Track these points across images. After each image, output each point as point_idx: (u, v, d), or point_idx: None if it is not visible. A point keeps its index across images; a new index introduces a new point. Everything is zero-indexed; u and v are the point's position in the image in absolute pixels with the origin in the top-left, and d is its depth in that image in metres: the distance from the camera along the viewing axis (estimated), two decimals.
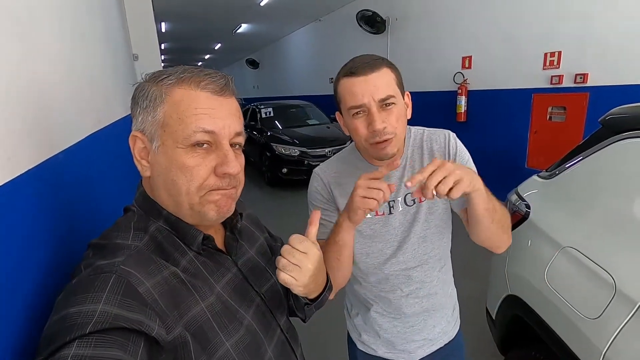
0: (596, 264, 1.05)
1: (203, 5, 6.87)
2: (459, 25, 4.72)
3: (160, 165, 0.52)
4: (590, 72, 3.48)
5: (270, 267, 0.70)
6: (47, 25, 0.84)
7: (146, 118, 0.52)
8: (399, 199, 0.92)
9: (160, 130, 0.51)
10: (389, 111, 0.80)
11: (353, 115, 0.82)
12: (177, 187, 0.52)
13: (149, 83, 0.53)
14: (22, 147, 0.54)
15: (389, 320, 1.01)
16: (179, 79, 0.52)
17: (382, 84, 0.79)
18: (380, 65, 0.80)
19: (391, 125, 0.80)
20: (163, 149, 0.51)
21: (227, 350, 0.52)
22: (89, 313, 0.41)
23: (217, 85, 0.53)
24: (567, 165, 1.41)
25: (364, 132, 0.82)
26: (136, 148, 0.54)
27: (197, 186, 0.52)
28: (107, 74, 1.69)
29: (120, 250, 0.49)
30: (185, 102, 0.51)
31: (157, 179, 0.54)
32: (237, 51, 13.55)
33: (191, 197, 0.53)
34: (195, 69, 0.54)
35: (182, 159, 0.51)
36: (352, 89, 0.80)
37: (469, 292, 2.30)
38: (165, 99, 0.52)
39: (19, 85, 0.59)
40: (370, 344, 1.05)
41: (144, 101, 0.52)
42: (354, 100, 0.80)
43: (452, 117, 4.85)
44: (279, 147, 5.66)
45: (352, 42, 6.97)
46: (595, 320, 0.99)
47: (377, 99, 0.79)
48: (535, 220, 1.42)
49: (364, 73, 0.79)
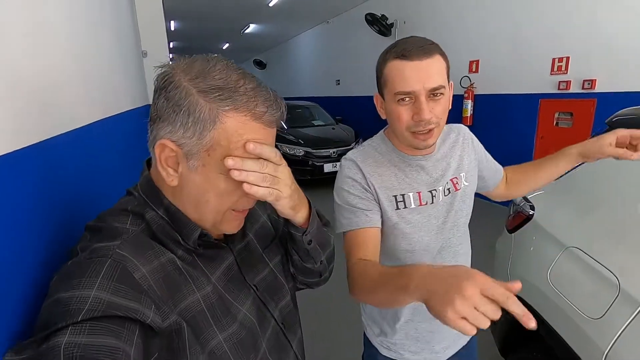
0: (600, 263, 1.04)
1: (212, 5, 6.93)
2: (467, 29, 4.72)
3: (194, 183, 0.51)
4: (598, 78, 3.47)
5: (268, 254, 0.68)
6: (59, 9, 0.86)
7: (188, 135, 0.48)
8: (439, 189, 0.90)
9: (203, 153, 0.48)
10: (437, 101, 0.77)
11: (398, 100, 0.77)
12: (210, 207, 0.52)
13: (199, 96, 0.47)
14: (30, 123, 0.55)
15: (419, 321, 0.96)
16: (235, 104, 0.48)
17: (435, 72, 0.76)
18: (434, 51, 0.76)
19: (436, 116, 0.77)
20: (203, 170, 0.49)
21: (219, 343, 0.52)
22: (82, 299, 0.40)
23: (273, 117, 0.51)
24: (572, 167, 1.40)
25: (408, 119, 0.78)
26: (163, 155, 0.49)
27: (228, 208, 0.53)
28: (116, 67, 1.70)
29: (118, 235, 0.48)
30: (238, 132, 0.48)
31: (186, 192, 0.52)
32: (245, 51, 13.64)
33: (217, 216, 0.54)
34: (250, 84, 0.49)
35: (222, 185, 0.50)
36: (404, 73, 0.75)
37: None
38: (218, 125, 0.47)
39: (34, 68, 0.60)
40: (397, 350, 0.98)
41: (189, 116, 0.47)
42: (403, 86, 0.76)
43: (458, 121, 4.79)
44: (284, 146, 5.67)
45: (359, 45, 6.99)
46: (598, 320, 0.98)
47: (428, 88, 0.75)
48: (540, 221, 1.41)
49: (417, 58, 0.74)
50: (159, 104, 0.49)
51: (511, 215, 1.62)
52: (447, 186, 0.91)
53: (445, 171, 0.91)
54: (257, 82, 0.50)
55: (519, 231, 1.51)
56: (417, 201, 0.88)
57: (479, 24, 4.56)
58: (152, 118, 0.50)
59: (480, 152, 1.00)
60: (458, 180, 0.92)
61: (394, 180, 0.88)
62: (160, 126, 0.49)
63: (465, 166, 0.95)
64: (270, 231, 0.72)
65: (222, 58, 0.51)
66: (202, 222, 0.54)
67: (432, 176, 0.90)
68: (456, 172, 0.93)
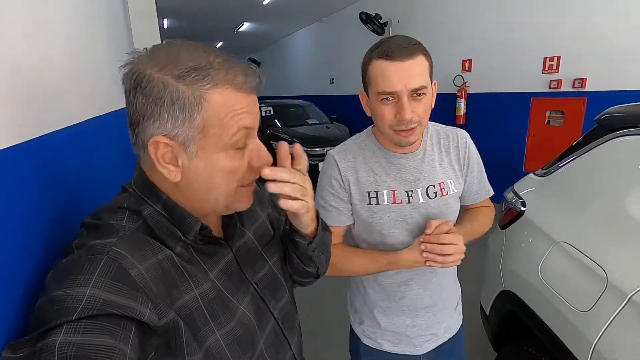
0: (589, 257, 1.06)
1: (206, 3, 6.89)
2: (460, 28, 4.76)
3: (199, 170, 0.50)
4: (588, 77, 3.52)
5: (267, 252, 0.68)
6: (58, 12, 0.86)
7: (178, 123, 0.47)
8: (418, 190, 0.91)
9: (199, 136, 0.48)
10: (419, 101, 0.79)
11: (382, 100, 0.80)
12: (220, 189, 0.52)
13: (175, 82, 0.46)
14: (29, 119, 0.55)
15: (397, 315, 1.00)
16: (214, 79, 0.47)
17: (417, 72, 0.77)
18: (416, 51, 0.78)
19: (418, 115, 0.80)
20: (203, 154, 0.49)
21: (216, 340, 0.52)
22: (77, 297, 0.40)
23: (254, 84, 0.52)
24: (563, 163, 1.43)
25: (390, 118, 0.81)
26: (159, 153, 0.48)
27: (237, 185, 0.53)
28: (111, 65, 1.70)
29: (115, 232, 0.47)
30: (226, 105, 0.48)
31: (193, 182, 0.51)
32: (239, 50, 13.56)
33: (230, 196, 0.53)
34: (220, 57, 0.49)
35: (226, 162, 0.50)
36: (386, 73, 0.77)
37: (463, 290, 2.32)
38: (205, 105, 0.47)
39: (32, 61, 0.60)
40: (376, 338, 1.03)
41: (174, 104, 0.46)
42: (386, 86, 0.78)
43: (452, 120, 4.87)
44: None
45: (353, 44, 7.00)
46: (586, 312, 1.01)
47: (410, 88, 0.77)
48: (531, 217, 1.43)
49: (400, 58, 0.76)
50: (138, 104, 0.47)
51: (503, 212, 1.65)
52: (434, 189, 0.92)
53: (430, 173, 0.92)
54: (225, 54, 0.50)
55: (510, 227, 1.54)
56: (391, 199, 0.90)
57: (472, 23, 4.60)
58: (133, 121, 0.49)
59: (472, 163, 0.99)
60: (445, 186, 0.93)
61: (371, 177, 0.91)
62: (146, 125, 0.48)
63: (456, 172, 0.96)
64: (269, 230, 0.72)
65: (181, 40, 0.51)
66: (216, 205, 0.54)
67: (411, 175, 0.92)
68: (444, 177, 0.94)
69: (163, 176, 0.51)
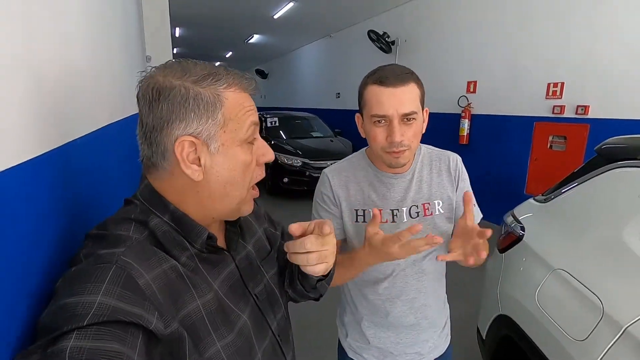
0: (585, 286, 1.07)
1: (218, 14, 7.04)
2: (466, 50, 4.84)
3: (221, 165, 0.54)
4: (591, 105, 3.56)
5: (264, 266, 0.69)
6: (77, 20, 0.89)
7: (203, 121, 0.52)
8: (403, 209, 0.95)
9: (220, 132, 0.53)
10: (409, 125, 0.84)
11: (374, 122, 0.85)
12: (238, 182, 0.55)
13: (194, 86, 0.52)
14: (41, 131, 0.56)
15: (382, 331, 1.02)
16: (228, 83, 0.54)
17: (408, 99, 0.83)
18: (409, 79, 0.84)
19: (408, 139, 0.85)
20: (223, 149, 0.53)
21: (217, 351, 0.52)
22: (88, 304, 0.40)
23: (253, 87, 0.58)
24: (563, 190, 1.45)
25: (382, 140, 0.86)
26: (185, 154, 0.51)
27: (250, 180, 0.57)
28: (124, 73, 1.74)
29: (122, 242, 0.48)
30: (239, 103, 0.55)
31: (212, 181, 0.54)
32: (248, 60, 13.78)
33: (244, 192, 0.57)
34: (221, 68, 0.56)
35: (242, 156, 0.55)
36: (380, 98, 0.83)
37: (460, 313, 2.30)
38: (223, 102, 0.53)
39: (52, 74, 0.62)
40: (361, 353, 1.05)
41: (198, 105, 0.51)
42: (378, 109, 0.83)
43: (455, 140, 4.91)
44: (282, 156, 5.71)
45: (360, 60, 7.11)
46: (582, 342, 1.01)
47: (400, 113, 0.82)
48: (529, 242, 1.44)
49: (393, 85, 0.82)
50: (163, 110, 0.50)
51: (502, 235, 1.66)
52: (417, 209, 0.95)
53: (416, 194, 0.95)
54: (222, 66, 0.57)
55: (509, 251, 1.55)
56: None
57: (477, 46, 4.68)
58: (155, 129, 0.51)
59: (463, 185, 1.00)
60: (430, 206, 0.95)
61: (359, 195, 0.96)
62: (171, 129, 0.51)
63: (445, 195, 0.98)
64: (266, 245, 0.74)
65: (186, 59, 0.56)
66: (229, 206, 0.57)
67: (398, 195, 0.95)
68: (430, 198, 0.96)
69: (171, 186, 0.54)
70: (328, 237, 0.58)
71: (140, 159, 0.56)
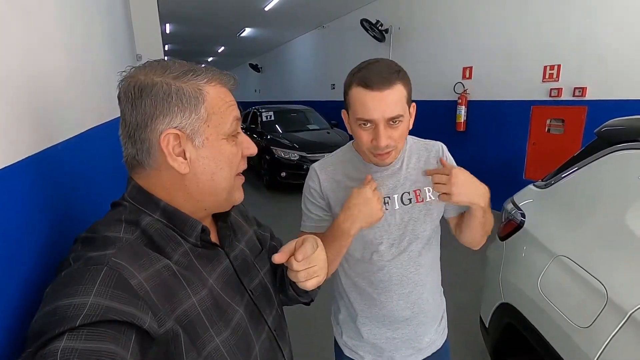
0: (588, 272, 1.06)
1: (208, 8, 6.93)
2: (461, 36, 4.78)
3: (206, 158, 0.54)
4: (588, 86, 3.53)
5: (258, 263, 0.70)
6: (56, 20, 0.86)
7: (187, 115, 0.52)
8: (394, 197, 0.94)
9: (204, 126, 0.53)
10: (395, 128, 0.82)
11: (360, 125, 0.83)
12: (224, 174, 0.56)
13: (175, 82, 0.52)
14: (24, 134, 0.55)
15: (377, 326, 1.01)
16: (209, 79, 0.55)
17: (394, 102, 0.80)
18: (395, 81, 0.80)
19: (394, 141, 0.83)
20: (208, 143, 0.54)
21: (216, 346, 0.52)
22: (80, 305, 0.40)
23: (233, 83, 0.60)
24: (563, 175, 1.42)
25: (367, 142, 0.84)
26: (170, 147, 0.52)
27: (236, 171, 0.59)
28: (111, 72, 1.70)
29: (112, 243, 0.48)
30: (220, 98, 0.56)
31: (199, 174, 0.54)
32: (240, 55, 13.64)
33: (230, 182, 0.58)
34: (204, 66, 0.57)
35: (227, 149, 0.56)
36: (364, 101, 0.80)
37: (461, 301, 2.31)
38: (205, 96, 0.54)
39: (27, 75, 0.59)
40: (357, 350, 1.04)
41: (181, 100, 0.52)
42: (363, 113, 0.81)
43: (452, 127, 4.88)
44: (279, 150, 5.68)
45: (355, 50, 7.04)
46: (586, 329, 1.00)
47: (386, 117, 0.80)
48: (530, 229, 1.43)
49: (378, 88, 0.79)
50: (147, 107, 0.51)
51: (503, 223, 1.64)
52: (409, 196, 0.95)
53: (406, 181, 0.95)
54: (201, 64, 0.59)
55: (510, 239, 1.53)
56: None
57: (472, 31, 4.62)
58: (139, 126, 0.51)
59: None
60: (421, 193, 0.95)
61: (349, 184, 0.95)
62: (156, 124, 0.51)
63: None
64: (257, 244, 0.75)
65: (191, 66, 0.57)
66: (219, 196, 0.58)
67: (390, 183, 0.95)
68: (421, 185, 0.96)
69: (159, 183, 0.54)
70: (314, 255, 0.59)
71: (125, 160, 0.56)
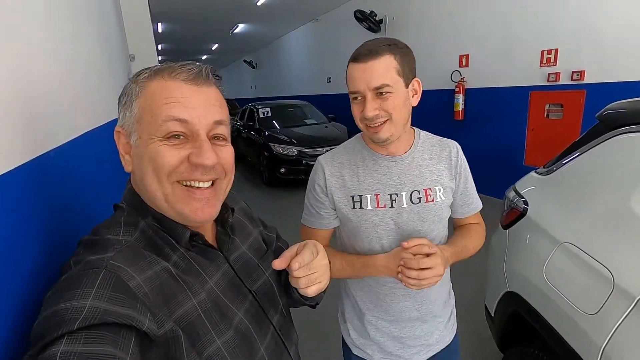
0: (594, 259, 1.05)
1: (199, 6, 6.86)
2: (456, 23, 4.73)
3: (137, 158, 0.53)
4: (587, 69, 3.50)
5: (262, 264, 0.69)
6: (42, 24, 0.84)
7: (125, 114, 0.53)
8: (402, 194, 0.91)
9: (136, 124, 0.52)
10: (383, 99, 0.82)
11: (353, 99, 0.86)
12: (149, 176, 0.51)
13: (130, 81, 0.54)
14: (13, 142, 0.54)
15: (385, 326, 0.99)
16: (154, 72, 0.53)
17: (379, 72, 0.80)
18: (382, 52, 0.81)
19: (385, 111, 0.82)
20: (140, 142, 0.52)
21: (217, 348, 0.52)
22: (78, 309, 0.40)
23: (190, 74, 0.52)
24: (565, 161, 1.41)
25: (359, 114, 0.86)
26: (120, 144, 0.54)
27: (167, 173, 0.51)
28: (103, 74, 1.68)
29: (111, 246, 0.48)
30: (157, 93, 0.51)
31: (137, 172, 0.54)
32: (235, 52, 13.53)
33: (164, 187, 0.51)
34: (175, 63, 0.54)
35: (156, 150, 0.50)
36: (352, 74, 0.83)
37: (467, 289, 2.31)
38: (140, 92, 0.52)
39: (12, 82, 0.58)
40: (365, 349, 1.02)
41: (123, 98, 0.54)
42: (352, 86, 0.84)
43: (450, 116, 4.85)
44: (277, 146, 5.66)
45: (350, 42, 6.96)
46: (593, 315, 0.99)
47: (371, 87, 0.81)
48: (533, 217, 1.41)
49: (364, 60, 0.81)
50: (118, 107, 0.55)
51: (505, 211, 1.63)
52: (419, 195, 0.92)
53: (416, 178, 0.92)
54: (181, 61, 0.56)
55: (513, 227, 1.52)
56: (375, 203, 0.91)
57: (467, 17, 4.57)
58: None
59: (465, 173, 0.99)
60: (432, 192, 0.92)
61: (355, 181, 0.93)
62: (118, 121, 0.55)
63: (445, 182, 0.95)
64: (263, 246, 0.74)
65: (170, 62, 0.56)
66: (157, 202, 0.53)
67: (397, 178, 0.92)
68: (432, 184, 0.93)
69: (139, 186, 0.55)
70: (314, 262, 0.58)
71: None
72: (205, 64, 0.56)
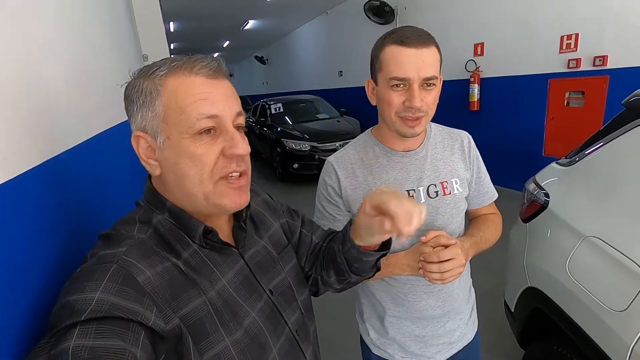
0: (622, 253, 1.00)
1: (210, 4, 6.88)
2: (470, 11, 4.60)
3: (168, 160, 0.51)
4: (610, 54, 3.35)
5: (282, 259, 0.68)
6: (53, 25, 0.84)
7: (146, 115, 0.51)
8: (420, 189, 0.89)
9: (162, 124, 0.50)
10: (428, 91, 0.79)
11: (392, 86, 0.78)
12: (190, 178, 0.51)
13: (140, 79, 0.52)
14: (23, 147, 0.54)
15: (407, 325, 0.97)
16: (171, 69, 0.51)
17: (431, 62, 0.77)
18: (431, 42, 0.78)
19: (427, 105, 0.79)
20: (169, 143, 0.50)
21: (226, 347, 0.51)
22: (87, 300, 0.41)
23: (210, 69, 0.52)
24: (588, 151, 1.35)
25: (398, 104, 0.79)
26: (140, 148, 0.52)
27: (209, 172, 0.51)
28: (118, 75, 1.70)
29: (124, 241, 0.50)
30: (182, 90, 0.50)
31: (168, 175, 0.53)
32: (246, 48, 13.56)
33: (205, 186, 0.52)
34: (184, 57, 0.52)
35: (191, 148, 0.50)
36: (400, 58, 0.76)
37: (486, 285, 2.26)
38: (161, 90, 0.50)
39: (23, 85, 0.58)
40: (386, 348, 1.00)
41: (140, 98, 0.51)
42: (399, 72, 0.76)
43: (465, 107, 4.74)
44: (290, 142, 5.66)
45: (360, 34, 6.88)
46: (622, 312, 0.95)
47: (422, 77, 0.76)
48: (555, 210, 1.36)
49: (415, 45, 0.75)
50: (127, 109, 0.53)
51: (525, 204, 1.58)
52: (435, 189, 0.89)
53: (432, 172, 0.90)
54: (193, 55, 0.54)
55: (533, 221, 1.47)
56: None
57: (482, 4, 4.43)
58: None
59: (478, 163, 0.97)
60: (448, 185, 0.90)
61: (370, 179, 0.90)
62: (132, 127, 0.53)
63: (460, 173, 0.93)
64: (283, 238, 0.72)
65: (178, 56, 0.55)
66: (195, 201, 0.53)
67: (414, 174, 0.89)
68: (448, 177, 0.91)
69: (161, 183, 0.55)
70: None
71: None
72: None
